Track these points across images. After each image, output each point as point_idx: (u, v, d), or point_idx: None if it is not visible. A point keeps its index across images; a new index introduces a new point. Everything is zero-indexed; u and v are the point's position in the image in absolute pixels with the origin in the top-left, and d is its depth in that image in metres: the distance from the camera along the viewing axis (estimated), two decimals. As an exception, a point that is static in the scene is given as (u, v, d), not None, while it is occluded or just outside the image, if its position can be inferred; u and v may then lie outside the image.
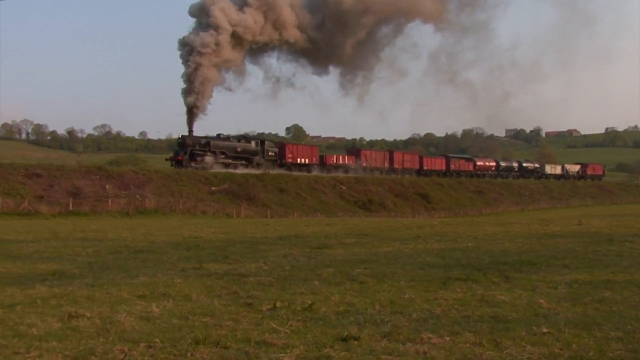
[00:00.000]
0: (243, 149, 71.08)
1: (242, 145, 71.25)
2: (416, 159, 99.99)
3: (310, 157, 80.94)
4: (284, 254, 15.29)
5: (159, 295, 9.30)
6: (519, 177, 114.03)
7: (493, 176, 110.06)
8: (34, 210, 44.42)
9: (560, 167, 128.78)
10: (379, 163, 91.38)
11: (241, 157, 70.50)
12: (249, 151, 71.77)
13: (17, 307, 8.58)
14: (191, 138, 67.24)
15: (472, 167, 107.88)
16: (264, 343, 6.43)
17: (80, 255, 15.86)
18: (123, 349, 6.22)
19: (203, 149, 66.44)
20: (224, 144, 69.73)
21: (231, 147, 69.94)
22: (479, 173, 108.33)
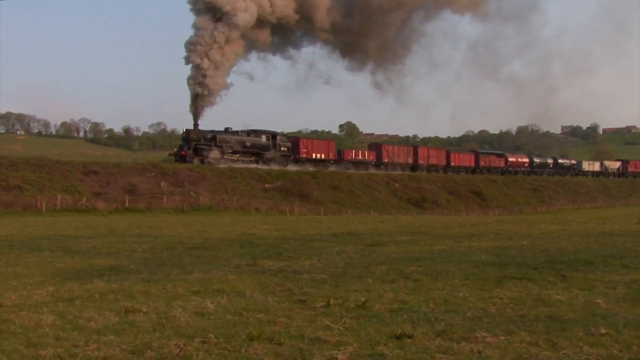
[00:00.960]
0: (253, 144, 67.74)
1: (251, 140, 67.83)
2: (442, 154, 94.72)
3: (326, 152, 76.75)
4: (337, 251, 15.29)
5: (214, 292, 9.38)
6: (554, 174, 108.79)
7: (526, 173, 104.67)
8: (92, 206, 45.19)
9: (598, 163, 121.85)
10: (401, 159, 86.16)
11: (251, 152, 67.52)
12: (259, 146, 68.30)
13: (76, 301, 8.75)
14: (196, 132, 64.40)
15: (503, 163, 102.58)
16: (317, 340, 6.43)
17: (136, 251, 16.10)
18: (178, 344, 6.29)
19: (209, 144, 63.54)
20: (232, 138, 66.23)
21: (239, 141, 66.73)
22: (511, 170, 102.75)
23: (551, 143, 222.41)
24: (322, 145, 77.95)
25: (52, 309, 8.25)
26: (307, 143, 76.32)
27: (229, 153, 64.61)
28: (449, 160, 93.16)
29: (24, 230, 24.42)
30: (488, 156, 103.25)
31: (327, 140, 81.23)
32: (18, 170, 48.71)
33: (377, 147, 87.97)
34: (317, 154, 75.19)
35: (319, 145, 77.79)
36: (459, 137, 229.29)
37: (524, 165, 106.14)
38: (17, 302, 8.78)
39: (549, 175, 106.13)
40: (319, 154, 75.47)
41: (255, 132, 68.64)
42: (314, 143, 77.98)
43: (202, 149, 62.60)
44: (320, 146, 77.34)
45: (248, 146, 67.09)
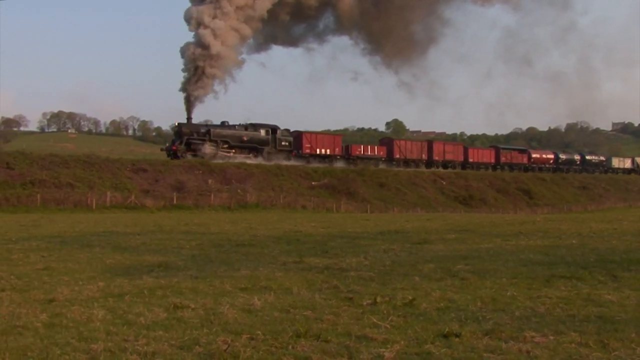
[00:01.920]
0: (250, 138, 64.68)
1: (248, 134, 64.76)
2: (460, 150, 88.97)
3: (331, 148, 72.74)
4: (384, 249, 15.25)
5: (261, 288, 9.43)
6: (581, 171, 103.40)
7: (551, 170, 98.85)
8: (140, 204, 45.79)
9: (630, 160, 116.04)
10: (415, 154, 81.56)
11: (248, 147, 64.54)
12: (258, 140, 65.20)
13: (126, 296, 8.87)
14: (188, 126, 62.04)
15: (526, 159, 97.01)
16: (364, 338, 6.43)
17: (184, 248, 16.25)
18: (226, 340, 6.34)
19: (202, 138, 60.98)
20: (227, 132, 63.53)
21: (236, 135, 63.78)
22: (534, 166, 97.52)
23: (601, 140, 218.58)
24: (327, 140, 74.28)
25: (103, 304, 8.38)
26: (310, 138, 72.54)
27: (224, 148, 62.27)
28: (467, 156, 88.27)
29: (75, 227, 24.82)
30: (509, 152, 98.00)
31: (333, 135, 76.11)
32: (69, 168, 49.59)
33: (388, 142, 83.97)
34: (321, 149, 72.05)
35: (324, 140, 74.17)
36: (507, 135, 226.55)
37: (548, 161, 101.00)
38: (69, 296, 8.94)
39: (575, 173, 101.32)
40: (323, 149, 72.32)
41: (254, 126, 66.11)
42: (318, 138, 74.02)
43: (195, 144, 60.43)
44: (325, 141, 73.74)
45: (245, 141, 64.43)
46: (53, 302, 8.55)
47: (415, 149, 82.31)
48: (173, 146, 60.52)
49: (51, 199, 43.50)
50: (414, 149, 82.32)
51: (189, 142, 60.00)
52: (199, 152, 59.61)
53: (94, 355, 5.87)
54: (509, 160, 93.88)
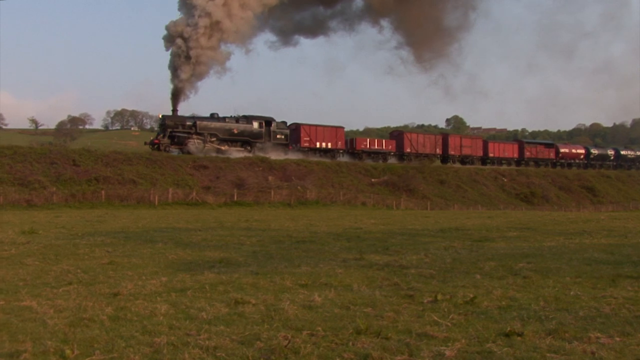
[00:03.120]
0: (241, 131, 61.47)
1: (239, 127, 61.48)
2: (479, 144, 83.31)
3: (333, 141, 68.89)
4: (445, 247, 15.17)
5: (321, 285, 9.45)
6: (615, 167, 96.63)
7: (582, 166, 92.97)
8: (201, 200, 46.36)
9: None
10: (427, 149, 76.65)
11: (240, 141, 61.58)
12: (249, 133, 61.97)
13: (188, 291, 8.99)
14: (173, 118, 59.02)
15: (553, 154, 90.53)
16: (425, 335, 6.40)
17: (245, 244, 16.39)
18: (286, 335, 6.37)
19: (187, 131, 58.41)
20: (215, 125, 60.36)
21: (225, 128, 60.68)
22: (563, 162, 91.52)
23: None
24: (328, 133, 69.71)
25: (166, 298, 8.51)
26: (309, 130, 68.44)
27: (212, 141, 59.76)
28: (487, 150, 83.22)
29: (138, 223, 25.25)
30: (535, 146, 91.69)
31: (336, 127, 71.17)
32: (132, 165, 50.49)
33: (398, 135, 78.75)
34: (321, 143, 68.25)
35: (324, 132, 69.62)
36: (570, 131, 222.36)
37: (578, 157, 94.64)
38: (133, 291, 9.10)
39: (607, 169, 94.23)
40: (324, 142, 68.53)
41: (246, 118, 62.74)
42: (318, 130, 69.42)
43: (180, 137, 58.08)
44: (325, 134, 69.42)
45: (236, 134, 61.39)
46: (118, 295, 8.72)
47: (429, 143, 77.88)
48: (155, 139, 58.70)
49: (115, 195, 44.38)
50: (426, 142, 77.85)
51: (173, 135, 58.04)
52: (184, 146, 57.84)
53: (158, 349, 5.97)
54: (534, 156, 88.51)
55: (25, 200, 41.25)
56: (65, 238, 17.94)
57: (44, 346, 6.04)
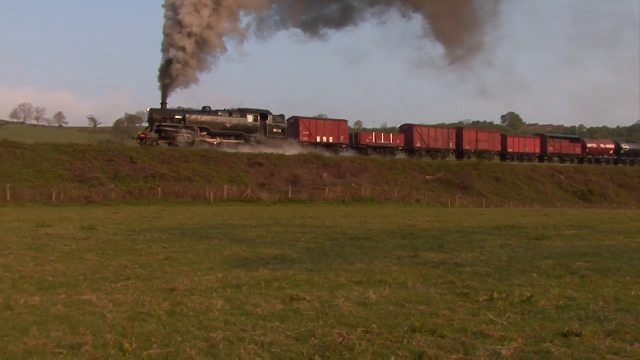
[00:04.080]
0: (234, 125, 59.76)
1: (232, 120, 59.76)
2: (496, 139, 78.05)
3: (335, 135, 65.98)
4: (500, 245, 15.01)
5: (376, 282, 9.43)
6: None
7: (611, 162, 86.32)
8: (256, 197, 46.70)
9: None
10: (440, 144, 72.46)
11: (232, 135, 59.74)
12: (243, 127, 60.14)
13: (243, 288, 9.06)
14: (161, 112, 57.51)
15: (579, 150, 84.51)
16: (480, 334, 6.34)
17: (300, 241, 16.44)
18: (341, 332, 6.38)
19: (176, 125, 56.87)
20: (206, 118, 58.79)
21: (216, 122, 59.07)
22: (591, 157, 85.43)
23: None
24: (329, 127, 66.92)
25: (221, 294, 8.58)
26: (309, 124, 66.19)
27: (203, 135, 58.24)
28: (505, 145, 78.20)
29: (194, 219, 25.54)
30: (559, 141, 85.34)
31: (338, 121, 68.12)
32: (188, 162, 51.11)
33: (407, 129, 73.54)
34: (322, 137, 65.40)
35: (325, 126, 66.99)
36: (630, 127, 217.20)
37: (607, 152, 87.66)
38: (189, 287, 9.20)
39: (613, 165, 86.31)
40: (325, 136, 65.66)
41: (241, 111, 61.15)
42: (319, 124, 67.19)
43: (168, 131, 56.50)
44: (327, 128, 66.66)
45: (228, 127, 59.71)
46: (174, 291, 8.83)
47: (441, 137, 73.35)
48: (142, 134, 57.85)
49: (171, 192, 45.02)
50: (439, 137, 73.26)
51: (161, 129, 56.56)
52: (174, 140, 56.40)
53: (214, 344, 6.03)
54: (557, 151, 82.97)
55: (84, 197, 42.14)
56: (123, 234, 18.25)
57: (104, 339, 6.16)
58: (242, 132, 60.07)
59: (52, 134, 67.58)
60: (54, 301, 8.12)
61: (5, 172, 44.29)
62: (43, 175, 45.34)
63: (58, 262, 12.16)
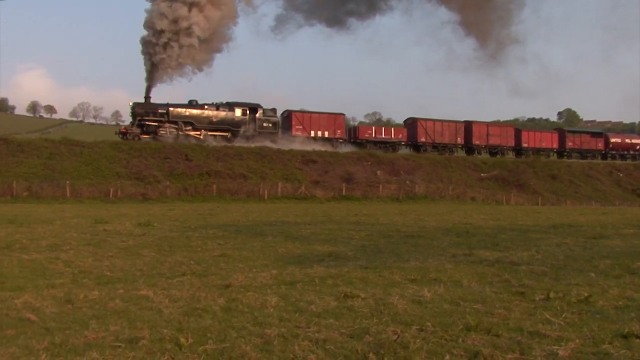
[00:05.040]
0: (221, 119, 57.85)
1: (219, 114, 57.89)
2: (509, 133, 73.13)
3: (331, 130, 63.11)
4: (557, 243, 14.80)
5: (430, 280, 9.38)
6: None
7: (637, 157, 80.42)
8: (310, 194, 46.83)
9: None
10: (446, 138, 68.48)
11: (219, 129, 57.73)
12: (231, 121, 58.13)
13: (297, 284, 9.10)
14: (143, 106, 56.00)
15: (601, 145, 78.94)
16: (537, 334, 6.25)
17: (354, 238, 16.45)
18: (396, 330, 6.36)
19: (159, 119, 55.19)
20: (191, 112, 56.75)
21: (202, 116, 57.11)
22: (614, 153, 79.97)
23: None
24: (324, 121, 63.58)
25: (276, 291, 8.63)
26: (302, 118, 63.33)
27: (187, 130, 56.30)
28: (519, 140, 73.20)
29: (248, 216, 25.73)
30: (579, 135, 79.56)
31: (334, 114, 64.58)
32: (242, 160, 51.50)
33: (411, 122, 69.45)
34: (317, 131, 62.60)
35: (320, 120, 63.54)
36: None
37: (633, 147, 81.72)
38: (244, 283, 9.28)
39: None
40: (320, 131, 62.71)
41: (229, 105, 59.10)
42: (313, 118, 63.72)
43: (151, 125, 55.13)
44: (321, 121, 63.43)
45: (215, 122, 57.78)
46: (229, 287, 8.91)
47: (448, 132, 69.19)
48: (122, 128, 56.79)
49: (226, 189, 45.43)
50: (445, 131, 69.05)
51: (143, 123, 55.17)
52: (156, 135, 54.98)
53: (268, 340, 6.06)
54: (577, 146, 77.52)
55: (140, 194, 42.79)
56: (178, 230, 18.49)
57: (160, 334, 6.25)
58: (230, 126, 58.27)
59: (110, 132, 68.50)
60: (112, 296, 8.28)
61: (65, 169, 45.23)
62: (101, 172, 46.17)
63: (116, 258, 12.40)
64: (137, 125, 54.96)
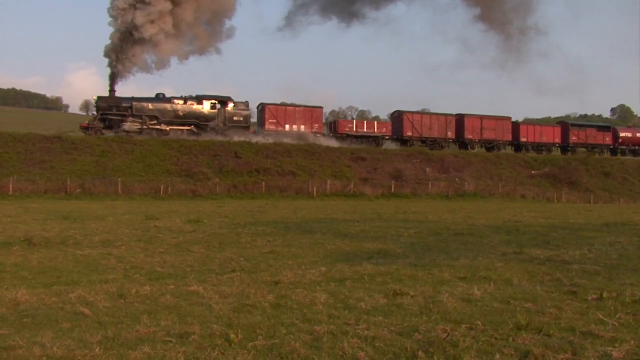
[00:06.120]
0: (188, 113, 55.57)
1: (186, 108, 55.58)
2: (506, 127, 67.85)
3: (308, 123, 59.87)
4: (610, 242, 14.56)
5: (480, 279, 9.32)
6: None
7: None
8: (359, 191, 46.81)
9: None
10: (435, 132, 64.08)
11: (187, 123, 55.50)
12: (198, 115, 55.94)
13: (347, 282, 9.10)
14: (106, 100, 54.30)
15: (609, 140, 72.96)
16: (590, 334, 6.17)
17: (403, 236, 16.39)
18: (445, 328, 6.33)
19: (123, 113, 53.51)
20: (156, 106, 54.69)
21: (167, 110, 54.96)
22: (624, 148, 74.32)
23: None
24: (300, 114, 60.54)
25: (325, 288, 8.65)
26: (275, 111, 60.24)
27: (152, 124, 54.30)
28: (517, 134, 68.27)
29: (298, 213, 25.82)
30: (584, 130, 73.93)
31: (312, 108, 61.57)
32: (292, 157, 51.67)
33: (398, 116, 65.63)
34: (292, 125, 59.67)
35: (296, 114, 60.61)
36: None
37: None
38: (293, 280, 9.32)
39: None
40: (295, 125, 59.75)
41: (198, 98, 56.83)
42: (288, 111, 60.75)
43: (113, 120, 53.48)
44: (297, 115, 60.42)
45: (181, 116, 55.49)
46: (279, 284, 8.96)
47: (436, 126, 64.80)
48: (84, 123, 54.94)
49: (275, 187, 45.66)
50: (434, 125, 64.77)
51: (105, 117, 53.62)
52: (119, 129, 53.29)
53: (317, 337, 6.08)
54: (582, 141, 71.90)
55: (191, 191, 43.24)
56: (228, 227, 18.63)
57: (211, 330, 6.31)
58: (197, 120, 56.17)
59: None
60: (163, 291, 8.39)
61: (117, 166, 45.91)
62: (152, 169, 46.75)
63: (167, 254, 12.55)
64: (100, 120, 53.77)
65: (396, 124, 64.56)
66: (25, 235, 15.06)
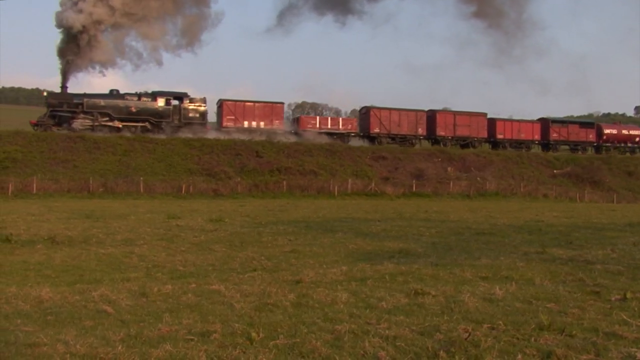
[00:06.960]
0: (141, 109, 53.89)
1: (139, 105, 53.95)
2: (481, 123, 64.27)
3: (268, 119, 57.83)
4: (634, 242, 14.46)
5: (502, 278, 9.28)
6: None
7: (633, 150, 71.80)
8: (380, 191, 46.72)
9: None
10: (405, 129, 60.92)
11: (140, 120, 53.73)
12: (152, 112, 54.15)
13: (368, 281, 9.11)
14: (57, 96, 52.81)
15: (593, 136, 69.47)
16: (613, 335, 6.13)
17: (424, 235, 16.37)
18: (467, 328, 6.31)
19: (73, 110, 51.84)
20: (108, 103, 53.19)
21: (119, 106, 53.22)
22: (608, 145, 70.69)
23: None
24: (259, 111, 58.35)
25: (346, 287, 8.66)
26: (234, 107, 57.86)
27: (104, 121, 52.59)
28: (494, 130, 64.58)
29: (318, 212, 25.83)
30: (565, 126, 70.03)
31: (272, 103, 59.51)
32: (312, 156, 51.67)
33: (365, 112, 63.08)
34: (251, 122, 57.50)
35: (255, 110, 58.38)
36: None
37: (631, 139, 72.19)
38: (314, 279, 9.33)
39: None
40: (254, 121, 57.55)
41: (153, 94, 55.07)
42: (247, 107, 58.28)
43: (63, 116, 51.96)
44: (257, 111, 58.24)
45: (134, 112, 53.80)
46: (300, 283, 8.97)
47: (406, 122, 61.68)
48: (33, 120, 53.22)
49: (296, 186, 45.69)
50: (403, 121, 61.61)
51: (55, 114, 52.17)
52: (69, 126, 51.65)
53: (338, 336, 6.09)
54: (564, 137, 68.47)
55: (212, 190, 43.39)
56: (249, 226, 18.69)
57: (232, 328, 6.34)
58: (151, 116, 54.31)
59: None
60: (184, 290, 8.43)
61: (138, 165, 46.16)
62: (173, 168, 46.96)
63: (188, 253, 12.62)
64: (49, 116, 52.29)
65: (363, 120, 62.81)
66: (49, 234, 15.21)
